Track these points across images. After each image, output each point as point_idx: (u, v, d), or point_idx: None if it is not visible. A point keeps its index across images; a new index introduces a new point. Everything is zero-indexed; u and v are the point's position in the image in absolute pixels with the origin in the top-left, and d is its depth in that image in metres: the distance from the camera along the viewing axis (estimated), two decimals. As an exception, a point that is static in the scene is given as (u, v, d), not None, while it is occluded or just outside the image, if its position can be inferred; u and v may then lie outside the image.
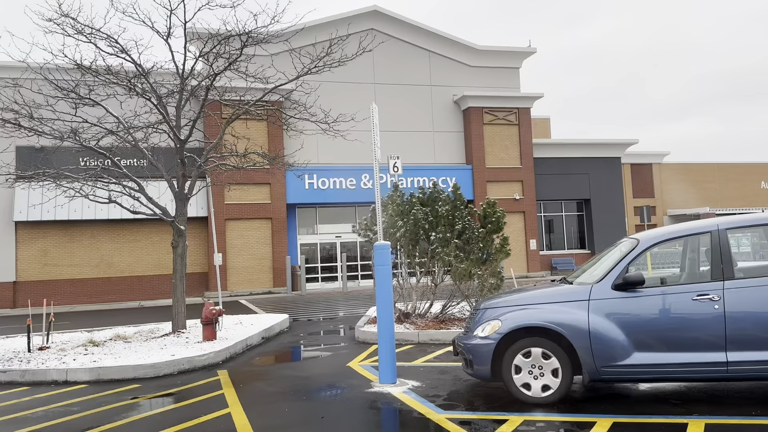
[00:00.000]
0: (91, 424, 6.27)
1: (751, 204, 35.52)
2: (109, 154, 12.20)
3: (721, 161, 36.71)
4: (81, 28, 11.17)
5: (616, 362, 5.92)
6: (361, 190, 27.57)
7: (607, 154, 32.28)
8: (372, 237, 12.64)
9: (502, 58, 30.73)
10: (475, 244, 12.01)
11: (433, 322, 11.62)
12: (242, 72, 12.13)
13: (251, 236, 26.26)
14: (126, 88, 11.76)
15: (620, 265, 6.20)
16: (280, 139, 25.51)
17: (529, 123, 30.49)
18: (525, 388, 6.20)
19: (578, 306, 6.15)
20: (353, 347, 10.68)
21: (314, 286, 27.20)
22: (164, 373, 8.91)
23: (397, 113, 28.29)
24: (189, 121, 12.55)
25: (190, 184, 12.62)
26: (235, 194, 25.11)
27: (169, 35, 11.75)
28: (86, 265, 25.14)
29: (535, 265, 29.94)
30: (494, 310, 6.60)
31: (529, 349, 6.20)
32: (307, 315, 16.85)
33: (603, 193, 31.95)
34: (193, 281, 25.01)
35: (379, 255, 7.55)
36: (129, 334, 12.43)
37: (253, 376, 8.62)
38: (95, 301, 24.95)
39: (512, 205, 29.36)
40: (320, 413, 6.32)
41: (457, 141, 30.03)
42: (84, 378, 8.69)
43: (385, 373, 7.39)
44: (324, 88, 19.84)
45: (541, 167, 30.85)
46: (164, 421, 6.25)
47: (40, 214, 23.37)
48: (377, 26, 28.27)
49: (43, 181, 12.40)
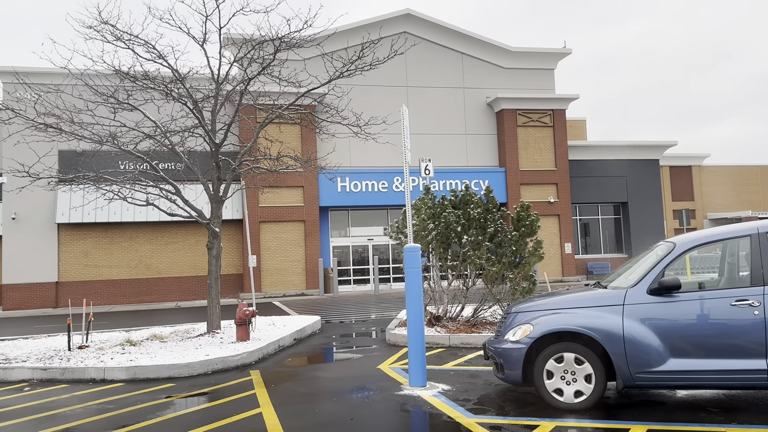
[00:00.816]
0: (126, 421, 6.41)
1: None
2: (146, 157, 12.46)
3: (765, 163, 35.60)
4: (120, 35, 11.47)
5: (651, 368, 5.79)
6: (393, 192, 27.60)
7: (644, 156, 31.63)
8: (403, 239, 12.64)
9: (537, 60, 30.42)
10: (508, 248, 11.89)
11: (465, 326, 11.55)
12: (275, 76, 12.28)
13: (284, 238, 26.52)
14: (163, 93, 12.00)
15: (656, 269, 6.06)
16: (312, 142, 25.71)
17: (565, 125, 30.09)
18: (557, 393, 6.11)
19: (612, 311, 6.04)
20: (384, 349, 10.69)
21: (346, 289, 27.31)
22: (198, 372, 9.06)
23: (429, 116, 28.25)
24: (224, 125, 12.75)
25: (225, 186, 12.81)
26: (268, 197, 25.43)
27: (205, 41, 11.98)
28: (125, 266, 25.74)
29: (570, 269, 29.49)
30: (526, 314, 6.53)
31: (561, 354, 6.11)
32: (339, 317, 16.93)
33: (641, 196, 31.30)
34: (228, 282, 25.40)
35: (410, 257, 7.54)
36: (165, 334, 12.67)
37: (284, 376, 8.69)
38: (133, 301, 25.53)
39: (547, 208, 29.00)
40: (350, 415, 6.34)
41: (490, 143, 29.81)
42: (121, 376, 8.89)
43: (415, 376, 7.38)
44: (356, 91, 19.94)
45: (576, 170, 30.40)
46: (197, 420, 6.36)
47: (81, 217, 24.03)
48: (410, 29, 28.28)
49: (84, 184, 12.74)
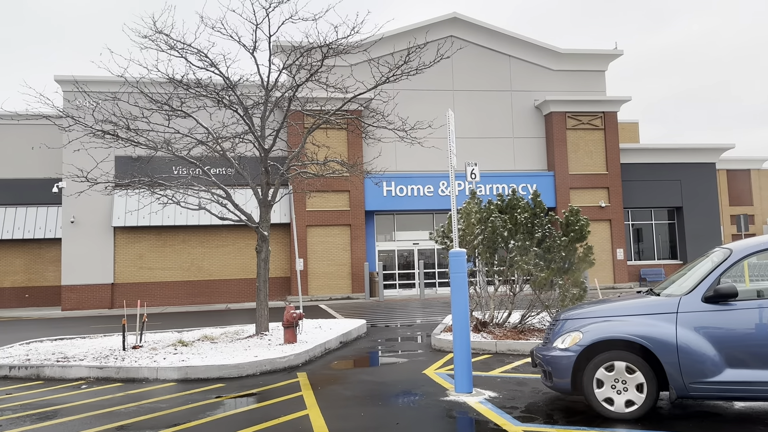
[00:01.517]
0: (177, 420, 6.59)
1: None
2: (199, 163, 12.80)
3: (830, 166, 33.96)
4: (173, 44, 11.83)
5: (706, 379, 5.60)
6: (439, 197, 27.52)
7: (700, 159, 30.58)
8: (448, 244, 12.57)
9: (587, 62, 29.84)
10: (557, 253, 11.69)
11: (512, 332, 11.40)
12: (323, 82, 12.44)
13: (331, 242, 26.77)
14: (215, 100, 12.31)
15: (711, 276, 5.86)
16: (358, 147, 25.90)
17: (616, 127, 29.39)
18: (607, 402, 5.97)
19: (665, 319, 5.87)
20: (429, 354, 10.65)
21: (391, 293, 27.35)
22: (247, 373, 9.23)
23: (476, 119, 28.07)
24: (273, 131, 12.98)
25: (273, 191, 13.04)
26: (315, 201, 25.73)
27: (255, 49, 12.23)
28: (177, 268, 26.45)
29: (623, 276, 28.75)
30: (575, 321, 6.41)
31: (612, 363, 5.97)
32: (384, 321, 16.96)
33: (696, 200, 30.26)
34: (275, 285, 25.80)
35: (455, 262, 7.50)
36: (215, 335, 12.96)
37: (330, 379, 8.77)
38: (185, 302, 26.21)
39: (597, 213, 28.38)
40: (395, 419, 6.35)
41: (538, 147, 29.38)
42: (173, 376, 9.14)
43: (460, 382, 7.33)
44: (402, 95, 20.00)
45: (628, 173, 29.64)
46: (245, 420, 6.48)
47: (136, 220, 24.84)
48: (456, 33, 28.18)
49: (139, 188, 13.16)
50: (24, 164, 27.52)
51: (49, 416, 6.95)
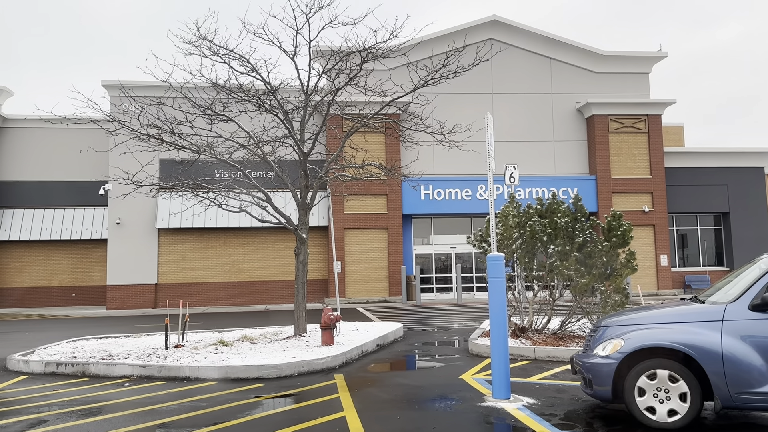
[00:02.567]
0: (217, 419, 6.71)
1: None
2: (240, 166, 13.03)
3: None
4: (216, 50, 12.08)
5: (752, 389, 5.43)
6: (477, 201, 27.35)
7: (747, 163, 29.62)
8: (486, 248, 12.48)
9: (630, 64, 29.27)
10: (598, 259, 11.48)
11: (551, 338, 11.24)
12: (361, 86, 12.53)
13: (368, 245, 26.87)
14: (256, 104, 12.51)
15: (759, 283, 5.69)
16: (396, 151, 25.94)
17: (660, 130, 28.71)
18: (649, 411, 5.84)
19: (710, 327, 5.72)
20: (466, 359, 10.59)
21: (428, 297, 27.27)
22: (285, 374, 9.34)
23: (515, 123, 27.80)
24: (312, 135, 13.13)
25: (312, 194, 13.17)
26: (353, 204, 25.87)
27: (295, 54, 12.40)
28: (219, 269, 26.95)
29: (666, 282, 28.03)
30: (616, 329, 6.30)
31: (654, 371, 5.84)
32: (421, 325, 16.92)
33: (744, 205, 29.31)
34: (313, 287, 26.03)
35: (493, 267, 7.45)
36: (255, 335, 13.15)
37: (367, 382, 8.80)
38: (225, 303, 26.68)
39: (641, 217, 27.76)
40: (432, 424, 6.33)
41: (580, 150, 28.92)
42: (213, 375, 9.31)
43: (498, 388, 7.26)
44: (440, 99, 19.95)
45: (673, 178, 28.91)
46: (283, 421, 6.56)
47: (179, 222, 25.41)
48: (496, 36, 28.00)
49: (182, 191, 13.46)
50: (72, 167, 28.45)
51: (93, 412, 7.17)
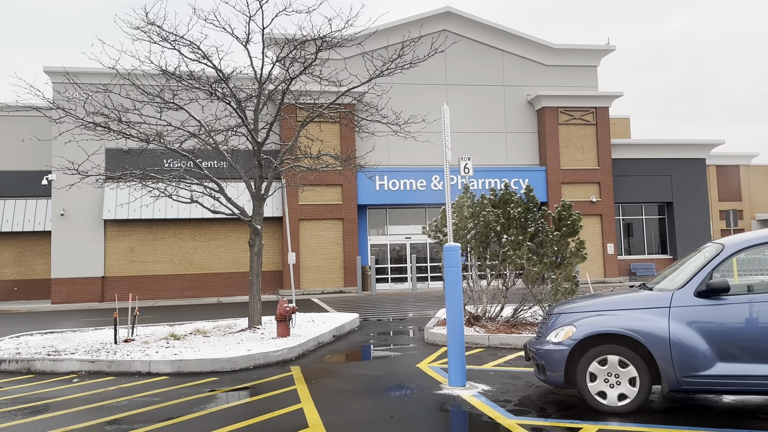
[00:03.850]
0: (171, 414, 6.57)
1: None
2: (191, 156, 12.74)
3: (818, 162, 34.26)
4: (166, 36, 11.74)
5: (697, 372, 5.65)
6: (432, 191, 27.54)
7: (690, 155, 30.77)
8: (442, 238, 12.60)
9: (579, 57, 29.91)
10: (549, 248, 11.74)
11: (504, 326, 11.45)
12: (316, 76, 12.39)
13: (323, 236, 26.76)
14: (207, 92, 12.24)
15: (704, 271, 5.91)
16: (352, 141, 25.85)
17: (608, 123, 29.50)
18: (600, 396, 6.01)
19: (658, 313, 5.91)
20: (422, 348, 10.69)
21: (384, 287, 27.38)
22: (240, 367, 9.22)
23: (469, 114, 28.06)
24: (266, 125, 12.93)
25: (266, 185, 12.99)
26: (308, 195, 25.69)
27: (248, 41, 12.16)
28: (169, 261, 26.36)
29: (613, 270, 28.93)
30: (568, 316, 6.44)
31: (605, 357, 6.01)
32: (377, 315, 16.98)
33: (686, 195, 30.47)
34: (267, 279, 25.77)
35: (449, 256, 7.52)
36: (208, 328, 12.93)
37: (324, 373, 8.78)
38: (176, 296, 26.14)
39: (589, 207, 28.51)
40: (390, 413, 6.36)
41: (531, 142, 29.45)
42: (165, 370, 9.11)
43: (454, 376, 7.35)
44: (395, 89, 19.97)
45: (619, 169, 29.78)
46: (240, 414, 6.47)
47: (127, 213, 24.69)
48: (449, 27, 28.15)
49: (130, 181, 13.07)
50: (14, 156, 27.23)
51: (40, 410, 6.92)
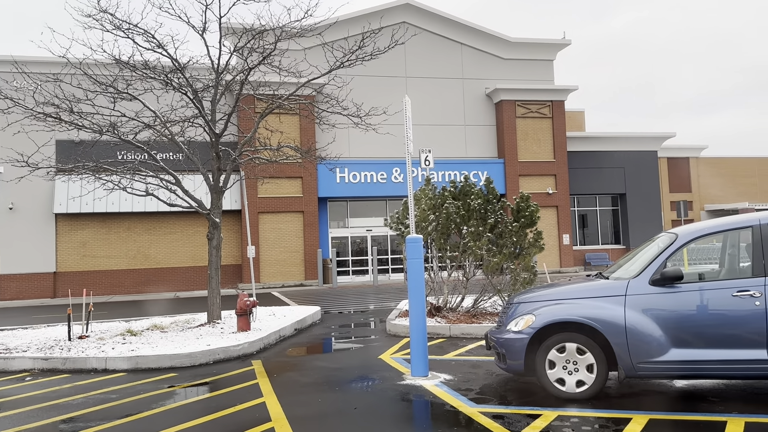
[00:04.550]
0: (129, 411, 6.43)
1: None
2: (146, 147, 12.43)
3: (761, 155, 35.65)
4: (119, 24, 11.40)
5: (652, 358, 5.83)
6: (392, 183, 27.60)
7: (642, 147, 31.66)
8: (404, 230, 12.65)
9: (536, 51, 30.35)
10: (508, 239, 11.92)
11: (465, 316, 11.59)
12: (276, 66, 12.23)
13: (284, 229, 26.54)
14: (162, 82, 11.95)
15: (658, 260, 6.08)
16: (312, 133, 25.67)
17: (563, 116, 30.07)
18: (559, 383, 6.15)
19: (614, 301, 6.07)
20: (384, 340, 10.73)
21: (345, 279, 27.36)
22: (200, 362, 9.08)
23: (429, 107, 28.20)
24: (224, 115, 12.71)
25: (224, 177, 12.79)
26: (268, 187, 25.42)
27: (205, 30, 11.92)
28: (123, 256, 25.74)
29: (568, 260, 29.58)
30: (528, 305, 6.56)
31: (563, 344, 6.14)
32: (339, 307, 16.96)
33: (638, 187, 31.35)
34: (226, 273, 25.43)
35: (412, 248, 7.55)
36: (165, 324, 12.69)
37: (286, 366, 8.72)
38: (132, 291, 25.56)
39: (545, 199, 29.05)
40: (353, 404, 6.37)
41: (489, 134, 29.79)
42: (122, 366, 8.91)
43: (417, 366, 7.40)
44: (356, 81, 19.88)
45: (574, 161, 30.42)
46: (201, 410, 6.38)
47: (79, 207, 23.99)
48: (409, 19, 28.18)
49: (83, 174, 12.69)
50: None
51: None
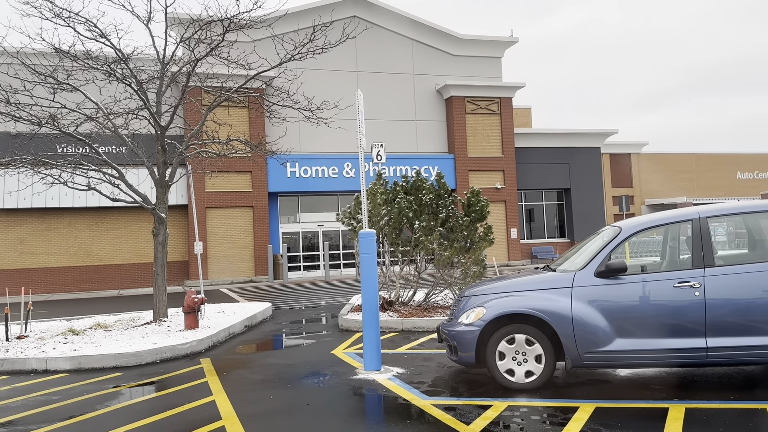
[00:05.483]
0: (72, 412, 6.21)
1: (727, 194, 36.13)
2: (88, 140, 12.01)
3: (698, 152, 37.22)
4: (59, 12, 10.96)
5: (598, 348, 5.99)
6: (344, 178, 27.51)
7: (586, 144, 32.56)
8: (356, 225, 12.63)
9: (485, 48, 30.76)
10: (459, 233, 12.06)
11: (417, 310, 11.67)
12: (224, 58, 11.99)
13: (232, 224, 26.10)
14: (105, 73, 11.56)
15: (603, 252, 6.26)
16: (262, 127, 25.31)
17: (511, 112, 30.61)
18: (509, 374, 6.26)
19: (562, 293, 6.21)
20: (337, 335, 10.70)
21: (296, 275, 27.14)
22: (146, 361, 8.85)
23: (380, 102, 28.20)
24: (170, 108, 12.40)
25: (171, 171, 12.48)
26: (216, 182, 24.92)
27: (150, 20, 11.57)
28: (64, 253, 24.81)
29: (516, 254, 30.19)
30: (479, 298, 6.65)
31: (513, 336, 6.26)
32: (290, 303, 16.82)
33: (583, 182, 32.25)
34: (173, 270, 24.82)
35: (365, 243, 7.55)
36: (109, 322, 12.32)
37: (236, 364, 8.59)
38: (73, 289, 24.67)
39: (494, 194, 29.53)
40: (305, 400, 6.33)
41: (440, 130, 30.05)
42: (64, 367, 8.60)
43: (369, 360, 7.41)
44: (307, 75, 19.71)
45: (522, 157, 31.03)
46: (148, 409, 6.21)
47: (17, 202, 22.97)
48: (360, 13, 28.08)
49: (20, 167, 12.16)
50: None
51: None
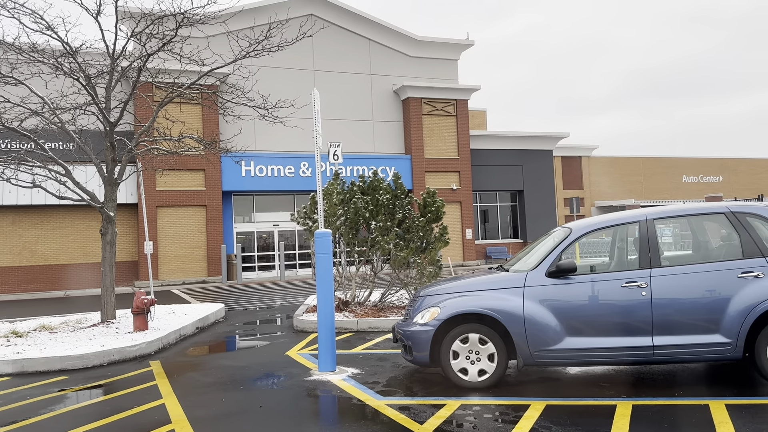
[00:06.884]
0: (14, 417, 5.97)
1: (673, 196, 37.47)
2: (33, 136, 11.59)
3: (646, 155, 38.48)
4: (3, 2, 10.52)
5: (548, 347, 6.11)
6: (300, 178, 27.32)
7: (539, 146, 33.23)
8: (312, 225, 12.55)
9: (441, 50, 31.03)
10: (415, 233, 12.12)
11: (372, 310, 11.67)
12: (176, 53, 11.73)
13: (184, 224, 25.58)
14: (52, 66, 11.18)
15: (554, 253, 6.39)
16: (215, 124, 24.89)
17: (467, 114, 30.98)
18: (462, 373, 6.32)
19: (514, 293, 6.31)
20: (291, 336, 10.60)
21: (251, 275, 26.80)
22: (93, 364, 8.59)
23: (337, 101, 28.13)
24: (119, 103, 12.06)
25: (120, 168, 12.14)
26: (167, 180, 24.40)
27: (99, 13, 11.22)
28: (7, 253, 23.86)
29: (471, 254, 30.56)
30: (433, 298, 6.69)
31: (466, 335, 6.32)
32: (244, 304, 16.59)
33: (535, 184, 32.90)
34: (121, 270, 24.17)
35: (320, 243, 7.50)
36: (55, 324, 11.90)
37: (187, 366, 8.42)
38: (16, 290, 23.75)
39: (450, 195, 29.81)
40: (258, 402, 6.24)
41: (397, 131, 30.16)
42: (7, 370, 8.27)
43: (324, 361, 7.37)
44: (263, 72, 19.49)
45: (477, 158, 31.44)
46: (95, 413, 6.02)
47: (-45, 199, 21.97)
48: (317, 12, 27.93)
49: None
50: None
51: None
